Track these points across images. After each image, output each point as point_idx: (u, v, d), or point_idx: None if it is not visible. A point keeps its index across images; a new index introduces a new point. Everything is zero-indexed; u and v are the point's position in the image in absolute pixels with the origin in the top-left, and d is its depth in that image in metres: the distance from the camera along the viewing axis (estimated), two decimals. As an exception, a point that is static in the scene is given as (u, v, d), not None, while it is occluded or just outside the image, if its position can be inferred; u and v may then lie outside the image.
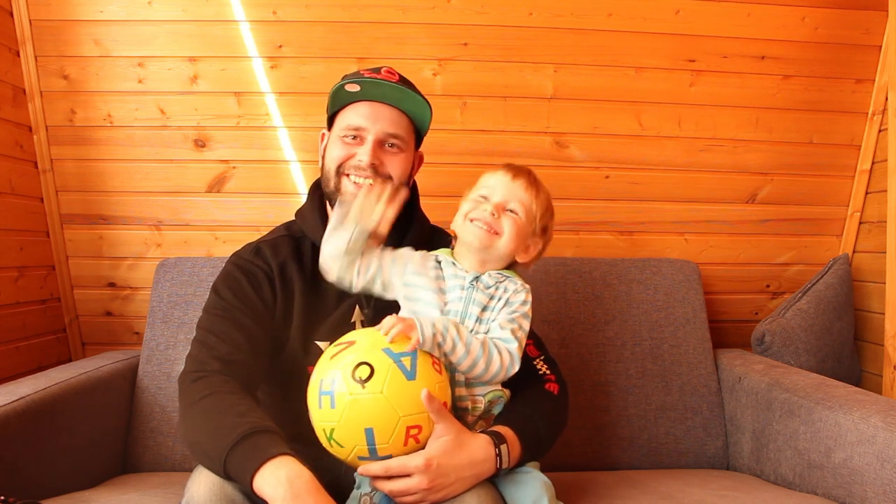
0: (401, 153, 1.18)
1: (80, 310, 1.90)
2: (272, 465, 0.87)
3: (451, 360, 1.00)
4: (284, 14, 1.76)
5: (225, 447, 0.90)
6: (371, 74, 1.16)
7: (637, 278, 1.71)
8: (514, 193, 1.07)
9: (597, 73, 1.83)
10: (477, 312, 1.05)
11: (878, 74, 1.87)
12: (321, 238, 1.14)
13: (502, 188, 1.08)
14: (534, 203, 1.08)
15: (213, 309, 1.14)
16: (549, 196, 1.13)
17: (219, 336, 1.09)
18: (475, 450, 0.98)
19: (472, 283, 1.06)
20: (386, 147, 1.17)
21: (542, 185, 1.12)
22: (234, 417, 0.94)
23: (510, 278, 1.09)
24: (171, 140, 1.81)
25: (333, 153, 1.18)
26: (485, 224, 1.05)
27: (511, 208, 1.07)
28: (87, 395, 1.42)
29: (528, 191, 1.08)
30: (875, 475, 1.13)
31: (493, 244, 1.06)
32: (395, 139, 1.17)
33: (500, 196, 1.07)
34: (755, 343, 1.76)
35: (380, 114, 1.16)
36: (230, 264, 1.19)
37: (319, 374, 0.96)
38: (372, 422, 0.91)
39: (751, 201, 1.93)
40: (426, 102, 1.19)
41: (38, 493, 1.19)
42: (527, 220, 1.08)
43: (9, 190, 1.68)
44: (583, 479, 1.36)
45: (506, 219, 1.06)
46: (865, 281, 1.90)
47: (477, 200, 1.08)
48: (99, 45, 1.76)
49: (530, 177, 1.10)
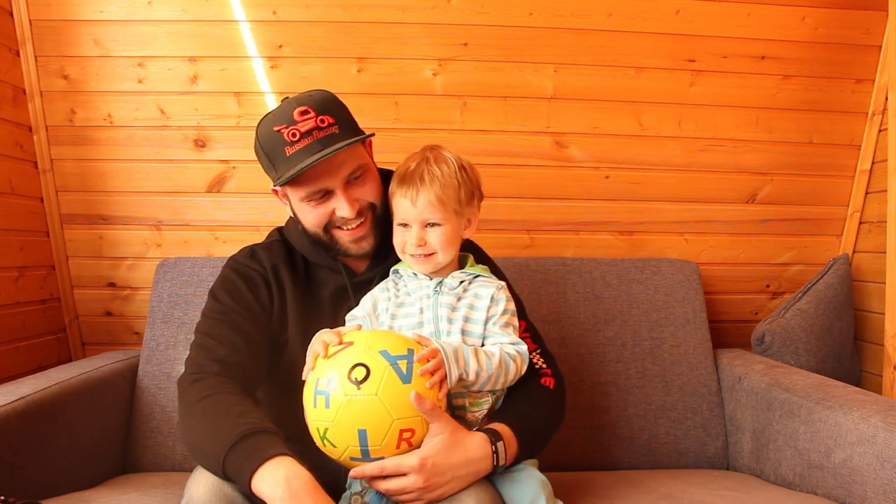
0: (367, 174, 1.14)
1: (80, 310, 1.90)
2: (270, 466, 0.88)
3: (472, 388, 1.03)
4: (284, 14, 1.76)
5: (223, 448, 0.90)
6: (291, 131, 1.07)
7: (637, 278, 1.71)
8: (422, 208, 1.06)
9: (597, 73, 1.83)
10: (447, 314, 1.07)
11: (878, 74, 1.87)
12: (309, 253, 1.21)
13: (409, 212, 1.07)
14: (441, 193, 1.06)
15: (211, 313, 1.14)
16: (451, 165, 1.08)
17: (217, 339, 1.09)
18: (471, 448, 0.98)
19: (437, 289, 1.08)
20: (352, 181, 1.12)
21: (437, 163, 1.07)
22: (232, 418, 0.95)
23: (478, 277, 1.11)
24: (171, 140, 1.81)
25: (310, 218, 1.13)
26: (419, 255, 1.07)
27: (430, 222, 1.07)
28: (87, 395, 1.42)
29: (430, 190, 1.05)
30: (875, 475, 1.13)
31: (436, 261, 1.08)
32: (357, 172, 1.12)
33: (414, 218, 1.07)
34: (755, 343, 1.76)
35: (333, 163, 1.08)
36: (227, 269, 1.20)
37: (316, 373, 0.96)
38: (365, 423, 0.91)
39: (751, 201, 1.93)
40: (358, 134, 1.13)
41: (38, 493, 1.19)
42: (451, 214, 1.07)
43: (9, 190, 1.68)
44: (582, 479, 1.36)
45: (432, 234, 1.07)
46: (865, 281, 1.90)
47: (402, 230, 1.09)
48: (99, 45, 1.76)
49: (422, 177, 1.06)
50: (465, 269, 1.13)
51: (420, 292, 1.09)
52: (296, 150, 1.07)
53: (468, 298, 1.09)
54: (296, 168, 1.05)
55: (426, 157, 1.09)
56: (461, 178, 1.09)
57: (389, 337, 0.99)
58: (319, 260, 1.21)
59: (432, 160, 1.09)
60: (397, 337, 1.00)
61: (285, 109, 1.10)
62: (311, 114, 1.08)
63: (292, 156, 1.07)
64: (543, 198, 1.88)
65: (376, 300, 1.12)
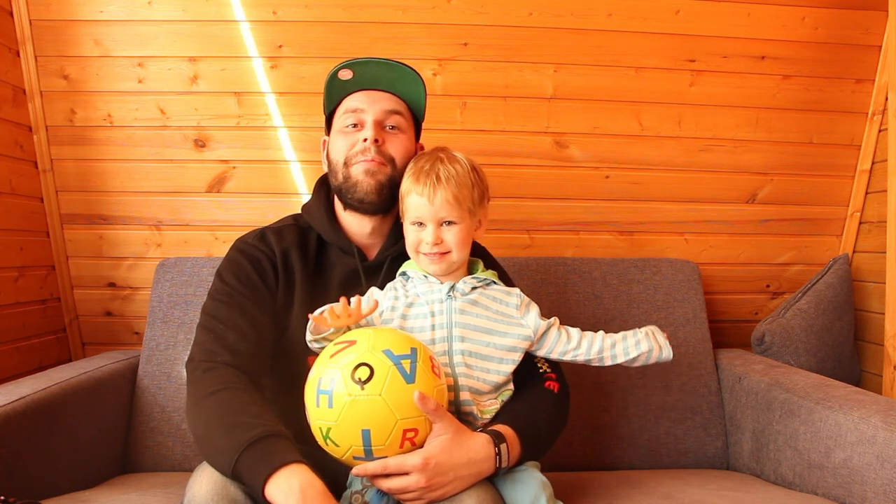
0: (401, 133, 1.19)
1: (80, 310, 1.90)
2: (286, 473, 0.87)
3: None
4: (284, 14, 1.76)
5: (238, 447, 0.90)
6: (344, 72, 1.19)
7: (637, 278, 1.71)
8: (438, 206, 1.07)
9: (597, 73, 1.83)
10: (460, 319, 1.07)
11: (878, 74, 1.87)
12: (325, 228, 1.21)
13: (425, 210, 1.07)
14: (458, 191, 1.07)
15: (218, 294, 1.14)
16: (464, 165, 1.10)
17: (225, 323, 1.09)
18: (474, 449, 0.98)
19: (450, 294, 1.09)
20: (387, 129, 1.18)
21: (451, 163, 1.09)
22: (248, 417, 0.94)
23: (491, 285, 1.12)
24: (171, 140, 1.81)
25: (337, 145, 1.20)
26: (434, 253, 1.08)
27: (446, 220, 1.08)
28: (87, 395, 1.42)
29: (447, 189, 1.06)
30: (875, 475, 1.13)
31: (450, 260, 1.09)
32: (394, 117, 1.19)
33: (430, 216, 1.07)
34: (755, 343, 1.76)
35: (376, 97, 1.18)
36: (234, 249, 1.20)
37: (318, 372, 0.96)
38: (369, 423, 0.91)
39: (751, 201, 1.93)
40: (418, 77, 1.21)
41: (38, 493, 1.19)
42: (465, 213, 1.09)
43: (9, 190, 1.68)
44: (583, 479, 1.36)
45: (447, 232, 1.08)
46: (865, 281, 1.90)
47: (415, 229, 1.09)
48: (99, 45, 1.76)
49: (438, 176, 1.07)
50: (475, 275, 1.13)
51: (431, 296, 1.09)
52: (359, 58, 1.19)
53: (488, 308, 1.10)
54: (349, 60, 1.17)
55: (439, 157, 1.10)
56: (474, 178, 1.10)
57: (392, 336, 0.99)
58: (334, 238, 1.21)
59: (446, 160, 1.09)
60: (400, 335, 0.99)
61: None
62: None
63: (354, 62, 1.18)
64: (543, 198, 1.88)
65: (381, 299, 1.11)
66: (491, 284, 1.13)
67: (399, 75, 1.20)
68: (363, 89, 1.19)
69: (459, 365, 1.05)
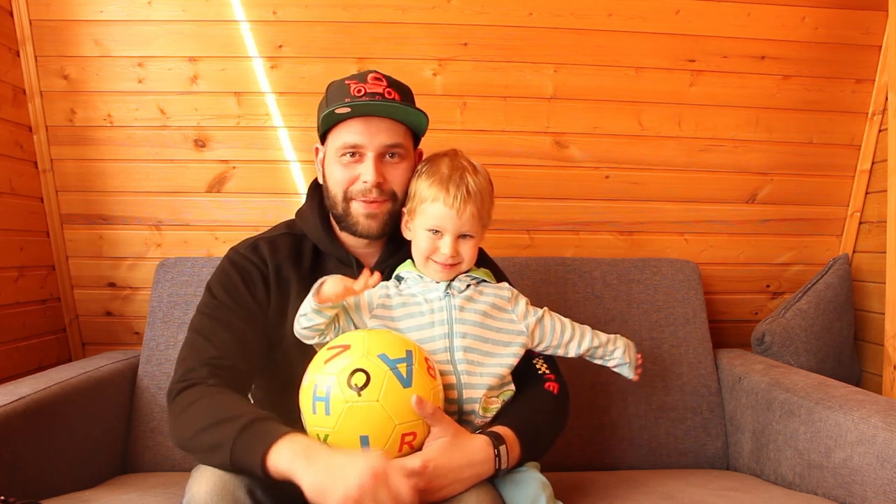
0: (402, 162, 1.15)
1: (80, 310, 1.90)
2: (285, 441, 0.87)
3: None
4: (284, 14, 1.76)
5: (231, 434, 0.90)
6: (358, 87, 1.12)
7: (637, 278, 1.71)
8: (465, 220, 1.06)
9: (597, 73, 1.83)
10: (460, 315, 1.08)
11: (878, 74, 1.87)
12: (321, 239, 1.18)
13: (450, 221, 1.06)
14: (481, 206, 1.08)
15: (205, 308, 1.13)
16: (483, 176, 1.11)
17: (208, 339, 1.08)
18: (473, 451, 0.98)
19: (447, 292, 1.09)
20: (387, 159, 1.13)
21: (475, 174, 1.09)
22: (232, 412, 0.94)
23: (482, 282, 1.14)
24: (171, 140, 1.81)
25: (336, 175, 1.14)
26: (447, 264, 1.08)
27: (465, 234, 1.08)
28: (87, 395, 1.42)
29: (474, 204, 1.06)
30: (875, 475, 1.13)
31: (459, 270, 1.10)
32: (395, 149, 1.13)
33: (454, 229, 1.07)
34: (755, 343, 1.76)
35: (376, 127, 1.11)
36: (226, 260, 1.18)
37: (313, 378, 0.95)
38: (367, 429, 0.90)
39: (751, 201, 1.93)
40: (421, 112, 1.14)
41: (38, 493, 1.19)
42: (481, 227, 1.11)
43: (9, 190, 1.68)
44: (583, 479, 1.36)
45: (464, 245, 1.08)
46: (865, 281, 1.90)
47: (430, 237, 1.08)
48: (99, 45, 1.76)
49: (469, 188, 1.06)
50: (470, 273, 1.13)
51: (429, 294, 1.09)
52: (360, 97, 1.10)
53: (484, 304, 1.10)
54: (347, 101, 1.09)
55: (464, 166, 1.09)
56: (489, 191, 1.11)
57: (387, 339, 0.98)
58: (330, 249, 1.19)
59: (471, 171, 1.09)
60: (395, 338, 0.99)
61: (363, 73, 1.15)
62: (383, 82, 1.13)
63: (354, 103, 1.10)
64: (543, 198, 1.88)
65: (372, 296, 1.10)
66: (482, 283, 1.14)
67: (399, 110, 1.13)
68: (362, 115, 1.12)
69: (461, 362, 1.05)
